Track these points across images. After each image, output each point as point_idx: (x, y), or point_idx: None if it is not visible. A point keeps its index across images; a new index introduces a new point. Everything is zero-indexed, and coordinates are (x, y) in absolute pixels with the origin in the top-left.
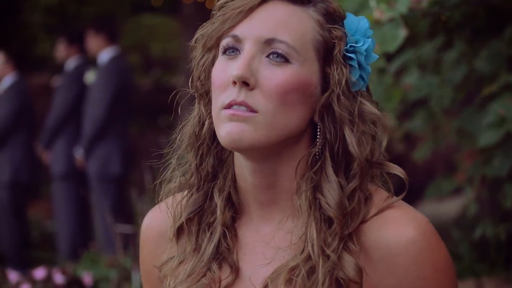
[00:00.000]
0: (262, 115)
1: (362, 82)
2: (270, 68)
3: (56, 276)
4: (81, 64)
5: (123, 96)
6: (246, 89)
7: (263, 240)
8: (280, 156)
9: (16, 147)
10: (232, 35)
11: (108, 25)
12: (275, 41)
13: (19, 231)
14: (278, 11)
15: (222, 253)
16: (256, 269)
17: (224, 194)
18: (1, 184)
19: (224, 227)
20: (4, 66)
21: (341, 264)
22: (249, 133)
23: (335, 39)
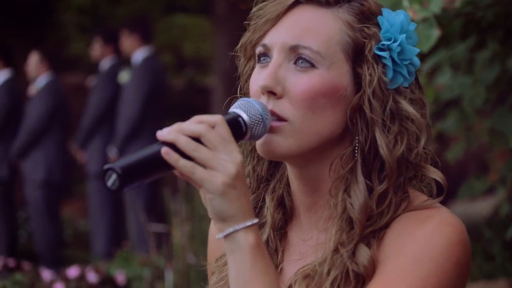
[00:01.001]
0: (291, 123)
1: (401, 79)
2: (297, 75)
3: (90, 275)
4: (115, 64)
5: (157, 96)
6: (274, 98)
7: (304, 239)
8: (322, 160)
9: (50, 147)
10: (262, 44)
11: (142, 25)
12: (300, 47)
13: (52, 230)
14: (304, 16)
15: (270, 254)
16: (293, 268)
17: (276, 197)
18: (35, 183)
19: (273, 228)
20: (38, 66)
21: (355, 257)
22: (278, 144)
23: (366, 38)
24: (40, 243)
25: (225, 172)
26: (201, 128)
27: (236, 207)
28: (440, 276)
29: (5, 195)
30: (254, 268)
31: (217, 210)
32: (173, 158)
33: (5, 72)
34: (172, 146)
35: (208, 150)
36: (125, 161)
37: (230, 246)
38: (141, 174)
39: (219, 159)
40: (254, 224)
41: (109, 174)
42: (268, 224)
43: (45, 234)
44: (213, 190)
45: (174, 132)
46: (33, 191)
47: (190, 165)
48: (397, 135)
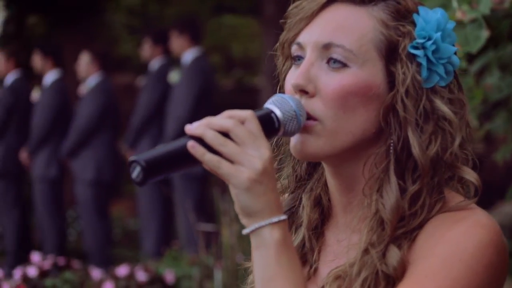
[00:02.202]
0: (322, 123)
1: (436, 78)
2: (329, 74)
3: (139, 274)
4: (165, 64)
5: (206, 96)
6: (306, 96)
7: (338, 239)
8: (357, 159)
9: (99, 146)
10: (296, 42)
11: (191, 26)
12: (332, 45)
13: (101, 229)
14: (338, 14)
15: (305, 254)
16: (327, 268)
17: (313, 196)
18: (85, 182)
19: (310, 228)
20: (89, 66)
21: (385, 258)
22: (310, 144)
23: (400, 36)
24: (89, 242)
25: (251, 167)
26: (230, 123)
27: (262, 202)
28: (470, 278)
29: (55, 194)
30: (279, 264)
31: (242, 205)
32: (199, 152)
33: (55, 72)
34: (200, 141)
35: (235, 145)
36: (150, 154)
37: (256, 241)
38: (166, 167)
39: (246, 154)
40: (280, 220)
41: (133, 166)
42: (304, 223)
43: (94, 233)
44: (238, 185)
45: (202, 126)
46: (83, 191)
47: (216, 160)
48: (431, 135)
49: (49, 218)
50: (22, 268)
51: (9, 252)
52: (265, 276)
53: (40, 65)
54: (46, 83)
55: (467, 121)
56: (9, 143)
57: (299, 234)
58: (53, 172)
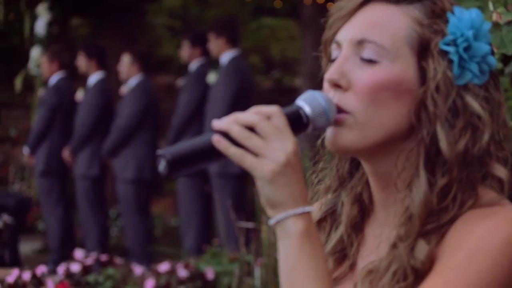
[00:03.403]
0: (353, 116)
1: (469, 75)
2: (362, 68)
3: (180, 270)
4: (203, 65)
5: (244, 96)
6: (340, 91)
7: (375, 235)
8: (390, 155)
9: (140, 146)
10: (335, 41)
11: (229, 29)
12: (365, 41)
13: (143, 226)
14: (373, 12)
15: (345, 249)
16: (364, 263)
17: (353, 194)
18: (126, 181)
19: (349, 224)
20: (130, 67)
21: (414, 253)
22: (342, 136)
23: (433, 33)
24: (131, 239)
25: (274, 160)
26: (256, 117)
27: (285, 194)
28: (495, 273)
29: (97, 192)
30: (302, 254)
31: (267, 197)
32: (224, 146)
33: (99, 73)
34: (226, 136)
35: (260, 138)
36: (176, 148)
37: (280, 232)
38: (191, 161)
39: (270, 147)
40: (305, 211)
41: (161, 159)
42: (343, 220)
43: (136, 231)
44: (262, 177)
45: (228, 121)
46: (124, 189)
47: (240, 153)
48: (461, 131)
49: (91, 216)
50: (65, 265)
51: (53, 249)
52: (288, 265)
53: (84, 67)
54: (90, 84)
55: (504, 120)
56: (53, 142)
57: (339, 230)
58: (95, 171)
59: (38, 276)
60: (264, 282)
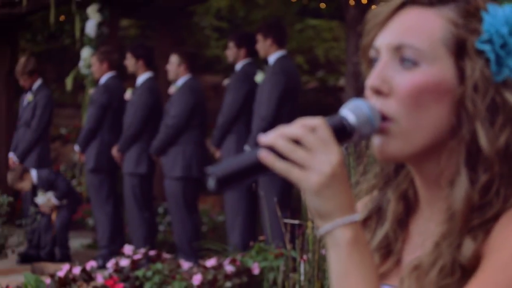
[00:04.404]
0: (397, 122)
1: (506, 71)
2: (401, 74)
3: (226, 266)
4: (248, 65)
5: (290, 96)
6: (382, 97)
7: (420, 231)
8: (434, 154)
9: (188, 144)
10: (373, 47)
11: (276, 30)
12: (403, 46)
13: (190, 223)
14: (408, 17)
15: (390, 245)
16: (409, 259)
17: (399, 191)
18: (174, 179)
19: (395, 220)
20: (178, 68)
21: (460, 249)
22: (389, 146)
23: (468, 32)
24: (178, 235)
25: (320, 172)
26: (301, 130)
27: (332, 205)
28: None
29: (144, 190)
30: (351, 262)
31: (314, 208)
32: (270, 160)
33: (147, 74)
34: (272, 150)
35: (305, 151)
36: (224, 166)
37: (329, 241)
38: (239, 177)
39: (315, 160)
40: (352, 221)
41: (209, 177)
42: (389, 216)
43: (183, 227)
44: (308, 189)
45: (274, 136)
46: (172, 186)
47: (287, 166)
48: (501, 127)
49: (139, 213)
50: (114, 260)
51: (102, 245)
52: (339, 273)
53: (132, 67)
54: (138, 83)
55: None
56: (103, 140)
57: (384, 226)
58: (143, 168)
59: (88, 271)
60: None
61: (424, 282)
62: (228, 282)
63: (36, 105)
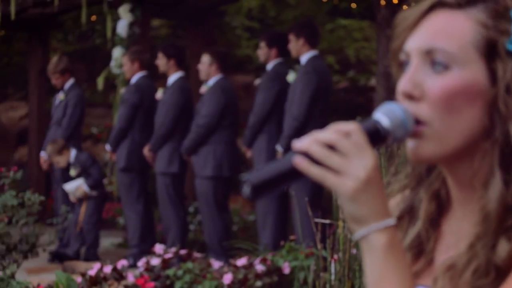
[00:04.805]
0: (430, 126)
1: None
2: (433, 78)
3: (257, 265)
4: (279, 65)
5: (322, 96)
6: (414, 101)
7: (452, 231)
8: (467, 156)
9: (219, 144)
10: (403, 51)
11: (308, 30)
12: (433, 50)
13: (221, 222)
14: (437, 20)
15: (422, 244)
16: (441, 259)
17: (431, 190)
18: (205, 177)
19: (427, 220)
20: (209, 67)
21: (494, 250)
22: (422, 149)
23: (498, 34)
24: (209, 234)
25: (355, 178)
26: (335, 136)
27: (367, 210)
28: None
29: (176, 189)
30: (387, 267)
31: (349, 213)
32: (305, 166)
33: (178, 74)
34: (307, 155)
35: (340, 157)
36: (259, 173)
37: (364, 246)
38: (274, 184)
39: (350, 165)
40: (387, 225)
41: (244, 184)
42: (421, 215)
43: (214, 226)
44: (343, 194)
45: (308, 141)
46: (203, 186)
47: (322, 172)
48: None
49: (171, 212)
50: (145, 259)
51: (133, 244)
52: (375, 278)
53: (163, 66)
54: (169, 83)
55: None
56: (134, 139)
57: (416, 226)
58: (175, 168)
59: (119, 269)
60: (339, 277)
61: (458, 282)
62: (258, 282)
63: (68, 104)
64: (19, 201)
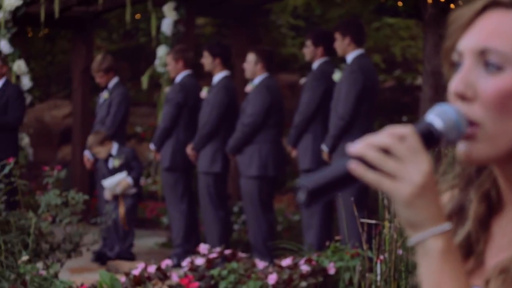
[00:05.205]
0: (483, 127)
1: None
2: (486, 79)
3: (302, 265)
4: (326, 63)
5: (368, 95)
6: (466, 102)
7: (504, 233)
8: None
9: (264, 143)
10: (456, 50)
11: (354, 29)
12: (487, 50)
13: (265, 222)
14: (491, 20)
15: (471, 246)
16: (493, 261)
17: (481, 191)
18: (250, 177)
19: (476, 221)
20: (255, 66)
21: None
22: (475, 150)
23: None
24: (253, 234)
25: (411, 183)
26: (390, 140)
27: (423, 215)
28: None
29: (219, 188)
30: (442, 272)
31: (405, 218)
32: (360, 172)
33: (223, 73)
34: (360, 160)
35: (395, 161)
36: (314, 178)
37: (420, 251)
38: (329, 190)
39: (406, 170)
40: (443, 230)
41: (299, 190)
42: (471, 216)
43: (258, 226)
44: (400, 200)
45: (363, 146)
46: (247, 185)
47: (377, 177)
48: None
49: (213, 211)
50: (190, 259)
51: (177, 243)
52: (431, 284)
53: (209, 65)
54: (214, 82)
55: None
56: (178, 138)
57: (466, 226)
58: (218, 167)
59: (163, 269)
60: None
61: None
62: (303, 282)
63: (112, 103)
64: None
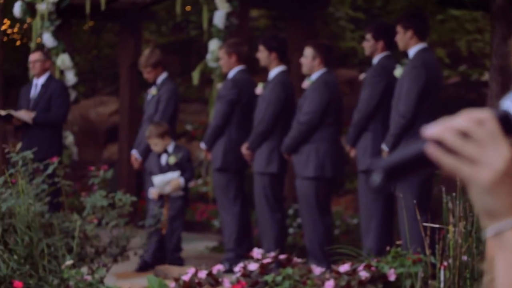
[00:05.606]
0: None
1: None
2: None
3: (361, 271)
4: (387, 58)
5: (431, 92)
6: None
7: None
8: None
9: (321, 142)
10: None
11: (416, 22)
12: None
13: (322, 225)
14: None
15: None
16: None
17: None
18: (306, 178)
19: None
20: (312, 61)
21: None
22: None
23: None
24: (310, 238)
25: (493, 168)
26: (469, 124)
27: (504, 203)
28: None
29: (275, 190)
30: None
31: (484, 207)
32: (438, 155)
33: (279, 67)
34: (437, 143)
35: (475, 146)
36: (388, 161)
37: (497, 244)
38: (404, 172)
39: (486, 155)
40: None
41: (373, 174)
42: None
43: (315, 230)
44: (480, 186)
45: (440, 129)
46: (303, 187)
47: (456, 162)
48: None
49: (269, 214)
50: (242, 264)
51: (228, 247)
52: (508, 279)
53: (264, 60)
54: (270, 77)
55: None
56: (231, 137)
57: None
58: (273, 168)
59: (214, 274)
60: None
61: None
62: None
63: (160, 99)
64: (109, 201)
